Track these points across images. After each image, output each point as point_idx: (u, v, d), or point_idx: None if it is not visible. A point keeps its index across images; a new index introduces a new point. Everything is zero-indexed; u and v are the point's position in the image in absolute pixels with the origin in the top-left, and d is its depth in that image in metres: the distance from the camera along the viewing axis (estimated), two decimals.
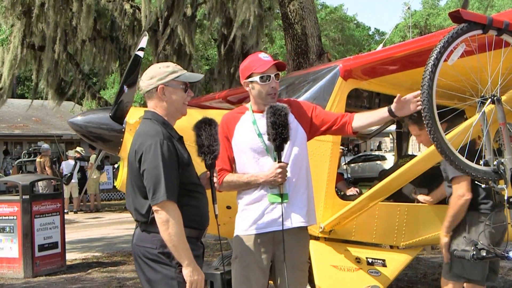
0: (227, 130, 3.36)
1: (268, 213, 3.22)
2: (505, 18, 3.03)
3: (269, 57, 3.31)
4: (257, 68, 3.26)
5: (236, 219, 3.38)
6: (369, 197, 4.00)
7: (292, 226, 3.22)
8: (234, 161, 3.37)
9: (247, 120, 3.35)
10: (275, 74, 3.27)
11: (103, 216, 15.60)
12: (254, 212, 3.26)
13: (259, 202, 3.25)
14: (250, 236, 3.26)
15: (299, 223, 3.25)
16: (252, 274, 3.25)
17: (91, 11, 12.75)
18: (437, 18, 38.10)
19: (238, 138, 3.33)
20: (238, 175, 3.32)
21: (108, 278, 7.36)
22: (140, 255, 2.84)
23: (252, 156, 3.28)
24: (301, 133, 3.35)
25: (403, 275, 6.60)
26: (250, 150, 3.28)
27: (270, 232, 3.22)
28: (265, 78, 3.25)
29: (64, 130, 20.60)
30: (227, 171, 3.33)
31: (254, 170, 3.27)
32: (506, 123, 3.14)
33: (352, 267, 4.15)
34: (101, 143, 4.18)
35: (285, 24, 9.93)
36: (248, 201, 3.29)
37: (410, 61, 3.91)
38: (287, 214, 3.21)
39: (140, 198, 2.80)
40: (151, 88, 2.91)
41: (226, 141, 3.34)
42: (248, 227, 3.28)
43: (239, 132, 3.34)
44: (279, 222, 3.16)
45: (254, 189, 3.26)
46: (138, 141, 2.82)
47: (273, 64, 3.26)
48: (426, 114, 2.90)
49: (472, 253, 3.43)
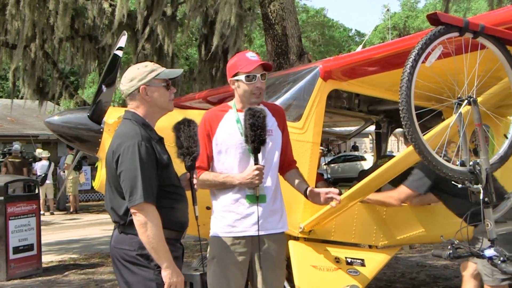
0: (209, 127, 3.35)
1: (246, 217, 3.23)
2: (481, 21, 3.08)
3: (257, 57, 3.31)
4: (243, 67, 3.27)
5: (213, 219, 3.37)
6: (349, 197, 4.03)
7: (270, 232, 3.26)
8: (212, 159, 3.36)
9: (231, 118, 3.34)
10: (261, 74, 3.27)
11: (81, 217, 15.43)
12: (232, 214, 3.26)
13: (237, 203, 3.25)
14: (227, 237, 3.26)
15: (276, 229, 3.30)
16: (231, 275, 3.25)
17: (68, 9, 12.59)
18: (415, 20, 38.58)
19: (220, 136, 3.32)
20: (215, 174, 3.31)
21: (86, 280, 7.27)
22: (118, 257, 2.81)
23: (233, 155, 3.28)
24: (279, 137, 3.38)
25: (382, 274, 6.66)
26: (232, 148, 3.28)
27: (248, 236, 3.23)
28: (251, 77, 3.25)
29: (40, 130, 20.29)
30: (203, 169, 3.32)
31: (232, 169, 3.27)
32: (482, 124, 3.19)
33: (331, 267, 4.17)
34: (79, 144, 4.13)
35: (265, 25, 9.94)
36: (226, 202, 3.29)
37: (389, 62, 3.94)
38: (266, 219, 3.24)
39: (118, 199, 2.78)
40: (133, 90, 2.88)
41: (207, 138, 3.33)
42: (226, 229, 3.28)
43: (222, 130, 3.33)
44: (256, 227, 3.17)
45: (231, 190, 3.26)
46: (116, 142, 2.79)
47: (260, 64, 3.26)
48: (404, 115, 2.93)
49: (448, 252, 3.47)
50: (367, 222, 4.49)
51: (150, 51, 14.29)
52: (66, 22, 12.74)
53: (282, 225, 3.35)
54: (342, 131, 7.79)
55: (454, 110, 3.15)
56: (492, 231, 3.17)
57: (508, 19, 3.16)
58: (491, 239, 3.17)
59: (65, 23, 12.68)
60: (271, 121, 3.31)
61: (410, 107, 2.92)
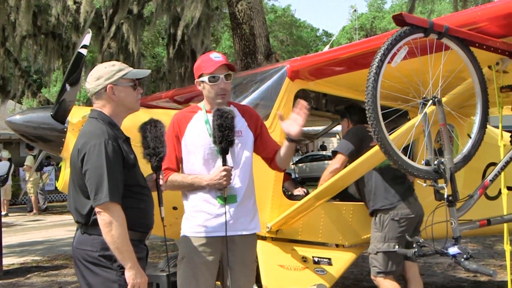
0: (178, 129, 3.33)
1: (216, 217, 3.21)
2: (445, 22, 3.13)
3: (221, 57, 3.29)
4: (206, 68, 3.25)
5: (184, 220, 3.35)
6: (315, 197, 4.04)
7: (241, 233, 3.25)
8: (181, 160, 3.34)
9: (200, 119, 3.32)
10: (225, 74, 3.25)
11: (44, 218, 15.10)
12: (203, 214, 3.24)
13: (208, 203, 3.23)
14: (198, 238, 3.24)
15: (247, 230, 3.28)
16: (200, 275, 3.23)
17: (31, 6, 12.31)
18: (382, 21, 39.19)
19: (188, 137, 3.31)
20: (183, 176, 3.29)
21: (49, 282, 7.11)
22: (80, 258, 2.76)
23: (201, 156, 3.26)
24: (251, 138, 3.36)
25: (349, 273, 6.72)
26: (201, 149, 3.26)
27: (218, 236, 3.21)
28: (214, 78, 3.24)
29: (2, 129, 19.80)
30: (173, 170, 3.30)
31: (201, 170, 3.25)
32: (446, 124, 3.24)
33: (298, 266, 4.19)
34: (42, 143, 4.04)
35: (233, 24, 9.91)
36: (197, 202, 3.27)
37: (356, 62, 3.97)
38: (237, 219, 3.23)
39: (82, 198, 2.73)
40: (99, 89, 2.84)
41: (176, 140, 3.32)
42: (196, 229, 3.26)
43: (190, 132, 3.31)
44: (227, 227, 3.15)
45: (202, 190, 3.24)
46: (82, 140, 2.74)
47: (224, 65, 3.24)
48: (370, 115, 2.95)
49: (414, 251, 3.52)
50: (334, 221, 4.51)
51: (116, 50, 14.11)
52: (29, 19, 12.45)
53: (254, 226, 3.34)
54: (310, 131, 7.82)
55: (419, 110, 3.20)
56: (456, 230, 3.23)
57: (471, 21, 3.22)
58: (455, 237, 3.23)
59: (28, 21, 12.39)
60: (240, 122, 3.30)
61: (376, 107, 2.95)
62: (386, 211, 4.23)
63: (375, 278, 4.23)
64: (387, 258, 4.16)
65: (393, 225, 4.19)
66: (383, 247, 4.17)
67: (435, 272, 7.05)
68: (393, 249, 4.12)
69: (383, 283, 4.19)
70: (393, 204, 4.22)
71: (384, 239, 4.19)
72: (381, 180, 4.29)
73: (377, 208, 4.28)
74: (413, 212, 4.23)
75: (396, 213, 4.20)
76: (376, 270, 4.20)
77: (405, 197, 4.26)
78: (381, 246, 4.18)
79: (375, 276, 4.23)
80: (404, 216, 4.21)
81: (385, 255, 4.16)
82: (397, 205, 4.22)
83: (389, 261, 4.16)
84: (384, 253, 4.17)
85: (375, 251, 4.21)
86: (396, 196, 4.24)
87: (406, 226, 4.20)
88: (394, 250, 4.11)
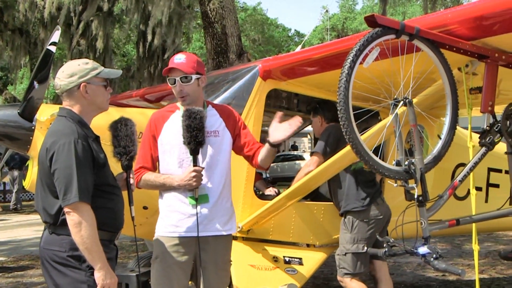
0: (155, 128, 3.32)
1: (190, 217, 3.18)
2: (416, 24, 3.16)
3: (183, 59, 3.24)
4: (165, 71, 3.27)
5: (159, 219, 3.32)
6: (287, 197, 4.05)
7: (214, 234, 3.23)
8: (158, 160, 3.32)
9: (176, 119, 3.29)
10: (180, 77, 3.21)
11: (10, 218, 14.77)
12: (177, 214, 3.22)
13: (182, 203, 3.21)
14: (171, 237, 3.22)
15: (221, 231, 3.26)
16: (174, 275, 3.21)
17: None
18: (353, 22, 39.54)
19: (164, 137, 3.29)
20: (156, 175, 3.27)
21: (14, 283, 6.95)
22: (47, 258, 2.71)
23: (177, 155, 3.24)
24: (228, 138, 3.34)
25: (319, 273, 6.75)
26: (176, 149, 3.23)
27: (192, 236, 3.19)
28: (170, 81, 3.25)
29: None
30: (147, 169, 3.28)
31: (176, 170, 3.23)
32: (417, 124, 3.28)
33: (269, 266, 4.19)
34: (9, 142, 3.95)
35: (205, 23, 9.87)
36: (171, 202, 3.24)
37: (328, 63, 3.99)
38: (211, 220, 3.21)
39: (50, 198, 2.68)
40: (72, 86, 2.78)
41: (153, 139, 3.30)
42: (170, 228, 3.23)
43: (167, 131, 3.29)
44: (201, 227, 3.13)
45: (176, 190, 3.21)
46: (50, 139, 2.69)
47: (178, 67, 3.20)
48: (342, 115, 2.97)
49: (384, 250, 3.56)
50: (305, 221, 4.53)
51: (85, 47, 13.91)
52: None
53: (229, 227, 3.31)
54: None
55: (391, 111, 3.23)
56: (426, 230, 3.27)
57: (442, 23, 3.26)
58: (424, 237, 3.26)
59: None
60: (217, 122, 3.30)
61: (348, 107, 2.96)
62: (357, 213, 4.26)
63: (342, 279, 4.25)
64: (356, 259, 4.19)
65: (362, 227, 4.23)
66: (352, 248, 4.19)
67: (405, 272, 7.14)
68: (362, 250, 4.15)
69: (350, 284, 4.21)
70: (364, 206, 4.26)
71: (354, 240, 4.21)
72: (354, 182, 4.32)
73: (348, 210, 4.30)
74: (381, 213, 4.28)
75: (365, 215, 4.24)
76: (344, 272, 4.22)
77: (374, 198, 4.30)
78: (350, 247, 4.20)
79: (342, 277, 4.24)
80: (373, 218, 4.25)
81: (354, 256, 4.19)
82: (367, 208, 4.26)
83: (357, 262, 4.19)
84: (353, 254, 4.19)
85: (344, 252, 4.23)
86: (366, 198, 4.28)
87: (375, 227, 4.24)
88: (364, 251, 4.14)
